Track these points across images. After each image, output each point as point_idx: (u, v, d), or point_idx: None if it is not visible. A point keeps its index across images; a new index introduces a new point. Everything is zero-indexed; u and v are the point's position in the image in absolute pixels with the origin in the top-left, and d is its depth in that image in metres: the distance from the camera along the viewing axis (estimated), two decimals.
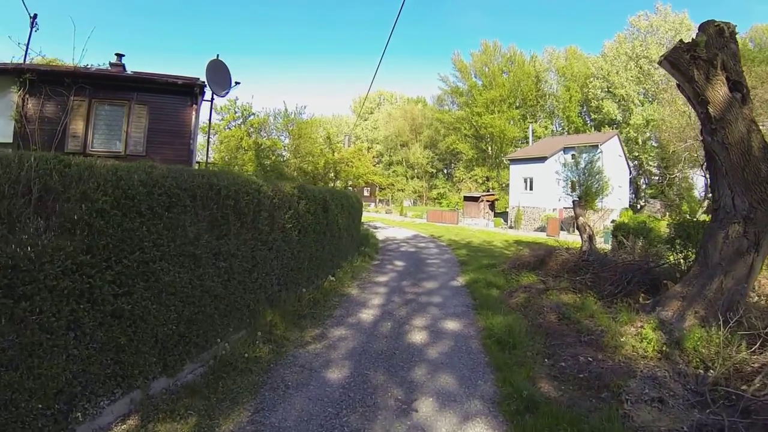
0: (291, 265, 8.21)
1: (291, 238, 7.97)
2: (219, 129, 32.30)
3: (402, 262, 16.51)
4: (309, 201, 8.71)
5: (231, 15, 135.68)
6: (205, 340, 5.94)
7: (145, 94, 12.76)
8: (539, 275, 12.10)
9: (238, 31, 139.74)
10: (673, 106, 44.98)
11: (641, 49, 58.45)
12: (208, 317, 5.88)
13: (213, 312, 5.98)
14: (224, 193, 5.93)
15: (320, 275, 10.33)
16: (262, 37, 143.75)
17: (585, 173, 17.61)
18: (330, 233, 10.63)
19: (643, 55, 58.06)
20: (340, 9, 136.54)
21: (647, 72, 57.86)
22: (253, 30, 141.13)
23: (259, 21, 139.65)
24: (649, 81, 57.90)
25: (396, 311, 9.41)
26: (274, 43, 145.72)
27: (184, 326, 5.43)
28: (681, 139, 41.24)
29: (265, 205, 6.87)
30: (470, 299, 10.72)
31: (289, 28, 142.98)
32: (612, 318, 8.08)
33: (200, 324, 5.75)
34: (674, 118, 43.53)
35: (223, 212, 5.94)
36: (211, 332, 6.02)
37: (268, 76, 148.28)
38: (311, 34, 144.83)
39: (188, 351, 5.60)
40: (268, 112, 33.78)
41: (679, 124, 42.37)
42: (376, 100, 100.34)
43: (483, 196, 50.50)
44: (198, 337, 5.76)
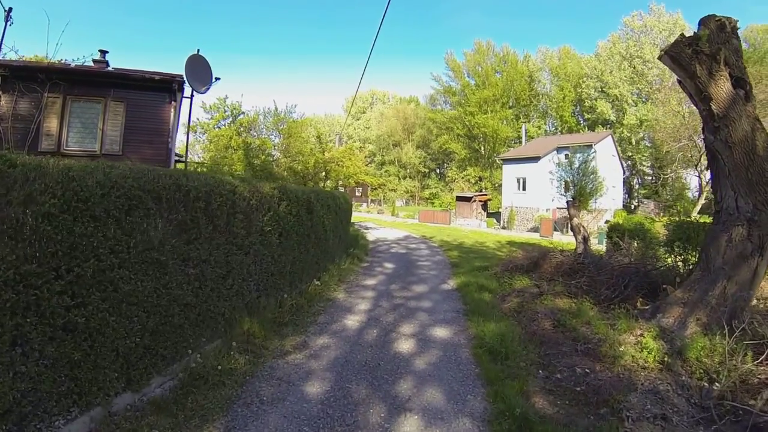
0: (271, 269, 7.77)
1: (271, 241, 7.52)
2: (208, 128, 31.87)
3: (392, 264, 16.08)
4: (291, 202, 8.26)
5: (223, 13, 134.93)
6: (175, 351, 5.51)
7: (122, 91, 12.29)
8: (533, 278, 11.71)
9: (229, 30, 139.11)
10: (667, 107, 44.92)
11: (635, 49, 58.32)
12: (176, 328, 5.44)
13: (182, 322, 5.54)
14: (194, 195, 5.48)
15: (305, 279, 9.89)
16: (254, 35, 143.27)
17: (579, 173, 17.29)
18: (315, 235, 10.19)
19: (637, 55, 57.94)
20: (333, 8, 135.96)
21: (641, 72, 57.73)
22: (246, 29, 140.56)
23: (252, 19, 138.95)
24: (643, 81, 57.78)
25: (383, 317, 8.98)
26: (266, 42, 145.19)
27: (149, 338, 4.99)
28: (675, 139, 41.13)
29: (240, 207, 6.42)
30: (461, 304, 10.31)
31: (282, 27, 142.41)
32: (610, 325, 7.69)
33: (168, 335, 5.31)
34: (668, 118, 43.44)
35: (192, 215, 5.49)
36: (180, 343, 5.58)
37: (260, 75, 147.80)
38: (304, 33, 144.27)
39: (155, 364, 5.16)
40: (258, 111, 33.45)
41: (673, 124, 42.27)
42: (368, 100, 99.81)
43: (475, 196, 50.23)
44: (166, 349, 5.32)
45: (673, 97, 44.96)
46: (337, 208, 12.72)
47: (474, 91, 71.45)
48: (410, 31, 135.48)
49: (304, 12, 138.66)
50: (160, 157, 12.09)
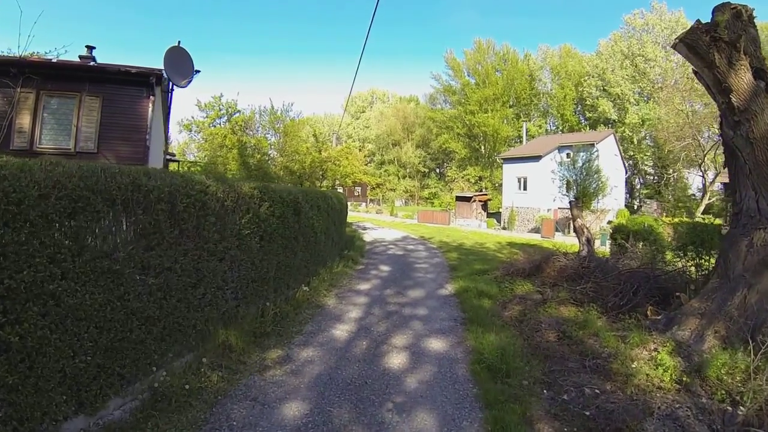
0: (252, 276, 7.14)
1: (250, 245, 6.89)
2: (204, 126, 31.30)
3: (388, 266, 15.45)
4: (274, 203, 7.63)
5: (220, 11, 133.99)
6: (136, 370, 4.90)
7: (98, 85, 11.68)
8: (535, 284, 11.09)
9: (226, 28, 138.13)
10: (669, 105, 44.28)
11: (637, 47, 57.63)
12: (137, 343, 4.83)
13: (144, 337, 4.93)
14: (155, 196, 4.86)
15: (292, 285, 9.26)
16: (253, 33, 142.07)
17: (582, 172, 16.71)
18: (303, 238, 9.56)
19: (639, 53, 57.26)
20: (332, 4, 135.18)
21: (643, 71, 57.04)
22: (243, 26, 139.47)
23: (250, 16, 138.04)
24: (645, 80, 57.10)
25: (374, 327, 8.35)
26: (265, 39, 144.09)
27: (102, 356, 4.39)
28: (679, 138, 40.47)
29: (212, 209, 5.79)
30: (459, 311, 9.68)
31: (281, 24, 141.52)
32: (620, 337, 7.07)
33: (126, 352, 4.71)
34: (671, 117, 42.80)
35: (153, 218, 4.87)
36: (142, 360, 4.97)
37: (258, 75, 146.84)
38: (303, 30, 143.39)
39: (111, 384, 4.56)
40: (254, 110, 32.85)
41: (676, 123, 41.63)
42: (368, 99, 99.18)
43: (475, 196, 49.54)
44: (124, 367, 4.72)
45: (675, 95, 44.35)
46: (329, 208, 12.09)
47: (474, 90, 70.76)
48: (410, 30, 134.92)
49: (303, 9, 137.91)
50: (137, 155, 11.48)
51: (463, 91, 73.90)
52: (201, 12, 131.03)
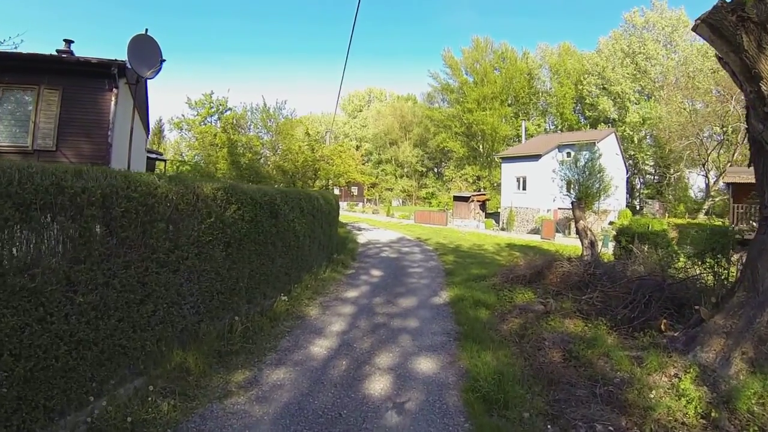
0: (216, 287, 6.28)
1: (213, 254, 6.03)
2: (194, 125, 30.49)
3: (380, 271, 14.60)
4: (243, 205, 6.76)
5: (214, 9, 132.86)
6: (66, 400, 4.11)
7: (57, 78, 10.81)
8: (537, 292, 10.26)
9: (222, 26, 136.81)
10: (671, 105, 43.62)
11: (638, 45, 56.80)
12: (66, 371, 4.04)
13: (75, 363, 4.12)
14: (85, 199, 4.02)
15: (270, 294, 8.40)
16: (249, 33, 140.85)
17: (585, 172, 15.93)
18: (283, 243, 8.71)
19: (640, 51, 56.43)
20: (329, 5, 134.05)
21: (643, 69, 56.22)
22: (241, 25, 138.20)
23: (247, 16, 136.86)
24: (646, 78, 56.30)
25: (358, 342, 7.50)
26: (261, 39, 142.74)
27: (21, 387, 3.65)
28: (682, 137, 39.73)
29: (161, 214, 4.93)
30: (453, 324, 8.84)
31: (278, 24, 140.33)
32: (634, 359, 6.24)
33: (53, 381, 3.93)
34: (672, 116, 42.13)
35: (82, 225, 4.03)
36: (75, 390, 4.18)
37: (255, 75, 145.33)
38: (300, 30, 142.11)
39: (35, 419, 3.80)
40: (246, 108, 32.12)
41: (678, 122, 40.94)
42: (365, 98, 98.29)
43: (473, 196, 48.69)
44: (51, 399, 3.94)
45: (677, 94, 43.69)
46: (315, 210, 11.22)
47: (472, 89, 69.84)
48: (408, 29, 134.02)
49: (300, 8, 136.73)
50: (99, 153, 10.62)
51: (461, 89, 73.03)
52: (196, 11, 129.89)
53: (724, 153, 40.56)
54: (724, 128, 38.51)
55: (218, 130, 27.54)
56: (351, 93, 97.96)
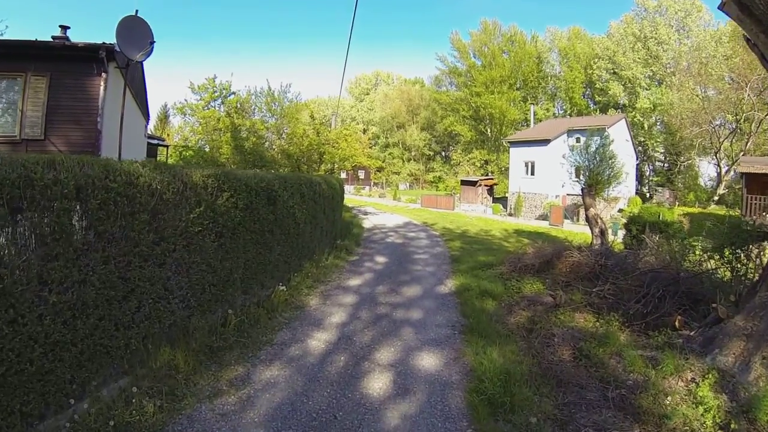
0: (208, 279, 5.97)
1: (203, 245, 5.70)
2: (198, 109, 30.15)
3: (384, 257, 14.29)
4: (237, 192, 6.41)
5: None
6: (44, 405, 3.87)
7: (44, 63, 10.37)
8: (546, 283, 9.91)
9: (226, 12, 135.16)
10: (683, 91, 42.79)
11: (650, 29, 55.52)
12: (43, 374, 3.79)
13: (53, 366, 3.87)
14: (57, 192, 3.70)
15: (267, 284, 8.10)
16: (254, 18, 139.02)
17: (596, 158, 15.48)
18: (281, 230, 8.38)
19: (652, 36, 55.16)
20: None
21: (655, 54, 55.04)
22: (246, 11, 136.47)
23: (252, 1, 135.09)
24: (657, 64, 55.17)
25: (358, 335, 7.20)
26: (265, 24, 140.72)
27: None
28: (695, 124, 38.97)
29: (144, 205, 4.58)
30: (458, 315, 8.52)
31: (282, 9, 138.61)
32: (648, 359, 5.91)
33: (29, 385, 3.69)
34: (684, 102, 41.33)
35: (55, 220, 3.71)
36: (54, 394, 3.94)
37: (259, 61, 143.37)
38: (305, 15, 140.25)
39: (12, 425, 3.57)
40: (250, 91, 31.73)
41: (690, 109, 40.17)
42: (372, 81, 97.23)
43: (481, 180, 48.14)
44: (28, 404, 3.69)
45: (689, 80, 42.82)
46: (317, 195, 10.87)
47: (480, 72, 68.78)
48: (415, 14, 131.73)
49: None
50: (89, 141, 10.27)
51: (469, 73, 71.98)
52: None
53: (736, 142, 39.81)
54: (738, 117, 37.71)
55: (222, 114, 27.21)
56: (358, 76, 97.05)
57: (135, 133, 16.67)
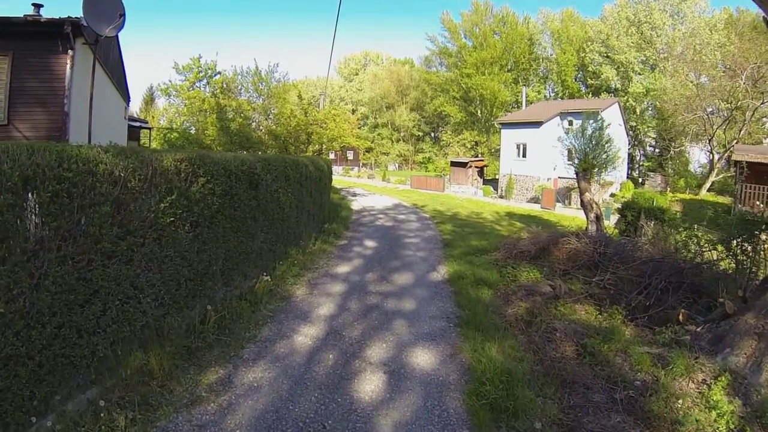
0: (183, 274, 5.47)
1: (177, 236, 5.20)
2: (183, 90, 29.38)
3: (374, 242, 13.85)
4: (215, 177, 5.90)
5: None
6: (2, 425, 3.42)
7: (6, 42, 9.51)
8: (543, 271, 9.53)
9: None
10: (676, 77, 42.45)
11: (644, 14, 54.77)
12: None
13: (7, 383, 3.40)
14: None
15: (251, 274, 7.63)
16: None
17: (592, 142, 15.10)
18: (265, 216, 7.89)
19: (646, 20, 54.47)
20: None
21: (649, 39, 54.41)
22: None
23: None
24: (651, 49, 54.57)
25: (348, 329, 6.78)
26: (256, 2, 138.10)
27: None
28: (689, 110, 38.65)
29: (104, 195, 4.05)
30: (453, 305, 8.12)
31: None
32: (656, 359, 5.54)
33: None
34: (677, 89, 41.02)
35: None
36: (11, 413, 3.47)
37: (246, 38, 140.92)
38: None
39: None
40: (236, 71, 31.01)
41: (682, 95, 39.89)
42: (361, 61, 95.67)
43: (471, 162, 47.64)
44: None
45: (682, 66, 42.45)
46: (303, 177, 10.36)
47: (471, 53, 67.75)
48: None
49: None
50: (56, 124, 9.53)
51: (459, 53, 70.96)
52: None
53: (728, 130, 39.57)
54: (732, 105, 37.39)
55: (207, 95, 26.53)
56: (347, 56, 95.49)
57: (113, 115, 15.87)
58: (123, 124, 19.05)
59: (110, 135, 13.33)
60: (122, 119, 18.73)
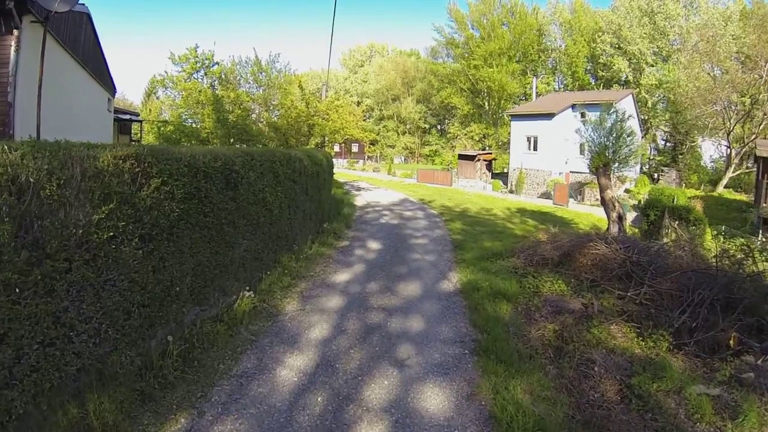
0: (133, 300, 4.35)
1: (120, 255, 4.06)
2: (179, 81, 28.29)
3: (378, 243, 12.73)
4: (174, 177, 4.77)
5: None
6: None
7: None
8: (569, 282, 8.41)
9: None
10: (691, 69, 41.00)
11: (657, 4, 53.14)
12: None
13: None
14: None
15: (230, 289, 6.48)
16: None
17: (613, 134, 13.96)
18: (247, 221, 6.77)
19: (659, 11, 52.84)
20: None
21: (662, 30, 52.78)
22: None
23: None
24: (663, 40, 52.98)
25: (342, 359, 5.67)
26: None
27: None
28: (708, 103, 37.12)
29: (4, 208, 2.98)
30: (468, 325, 7.01)
31: None
32: (718, 405, 4.45)
33: None
34: (690, 81, 39.58)
35: None
36: None
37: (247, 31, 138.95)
38: None
39: None
40: (235, 61, 29.94)
41: (697, 87, 38.43)
42: (366, 53, 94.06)
43: (480, 155, 46.27)
44: None
45: (697, 59, 40.96)
46: (296, 174, 9.20)
47: (479, 44, 66.22)
48: None
49: None
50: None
51: (466, 44, 69.41)
52: None
53: (745, 124, 38.08)
54: (753, 98, 35.84)
55: (205, 86, 25.43)
56: (352, 48, 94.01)
57: (88, 107, 14.62)
58: (106, 117, 17.78)
59: (87, 130, 12.17)
60: (105, 112, 17.45)
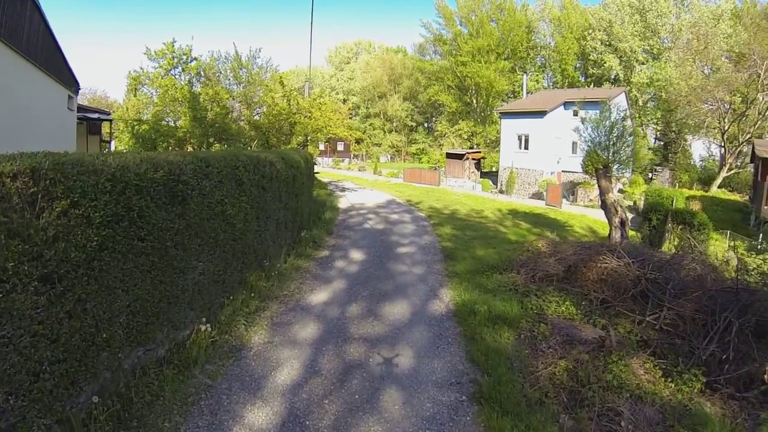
0: (40, 357, 3.22)
1: (13, 304, 2.95)
2: (155, 78, 27.05)
3: (361, 253, 11.68)
4: (89, 197, 3.66)
5: None
6: None
7: None
8: (577, 302, 7.45)
9: None
10: (682, 67, 40.56)
11: (649, 1, 52.61)
12: None
13: None
14: None
15: (181, 323, 5.39)
16: None
17: (614, 134, 13.13)
18: (202, 240, 5.66)
19: (650, 8, 52.29)
20: None
21: (653, 28, 52.24)
22: None
23: None
24: (655, 37, 52.45)
25: (315, 413, 4.64)
26: None
27: None
28: (701, 101, 36.54)
29: None
30: (465, 360, 6.00)
31: None
32: None
33: None
34: (685, 80, 39.01)
35: None
36: None
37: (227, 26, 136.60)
38: None
39: None
40: (214, 56, 28.80)
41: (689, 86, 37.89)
42: (353, 50, 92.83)
43: (468, 154, 45.29)
44: None
45: (689, 57, 40.50)
46: (266, 180, 8.05)
47: (467, 40, 65.32)
48: None
49: None
50: None
51: (454, 41, 68.50)
52: None
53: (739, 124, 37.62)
54: (749, 97, 35.29)
55: (182, 83, 24.22)
56: (338, 45, 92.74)
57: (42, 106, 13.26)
58: (66, 116, 16.23)
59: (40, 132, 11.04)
60: (64, 111, 15.92)
